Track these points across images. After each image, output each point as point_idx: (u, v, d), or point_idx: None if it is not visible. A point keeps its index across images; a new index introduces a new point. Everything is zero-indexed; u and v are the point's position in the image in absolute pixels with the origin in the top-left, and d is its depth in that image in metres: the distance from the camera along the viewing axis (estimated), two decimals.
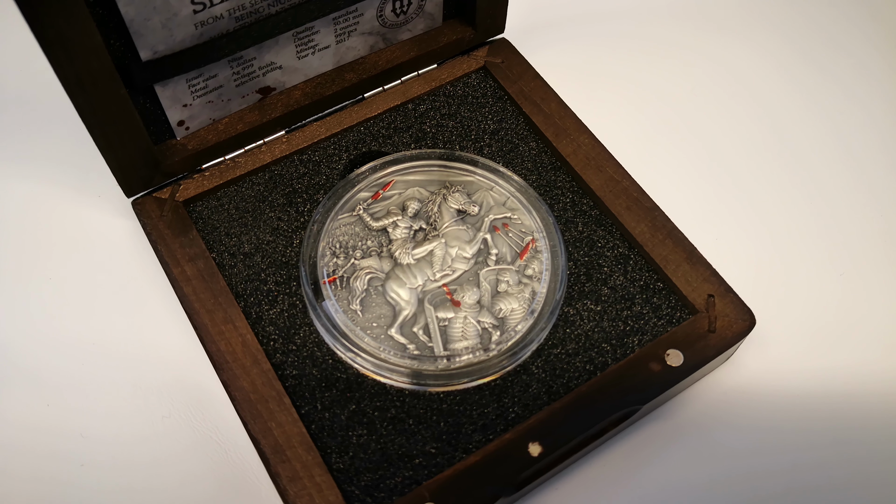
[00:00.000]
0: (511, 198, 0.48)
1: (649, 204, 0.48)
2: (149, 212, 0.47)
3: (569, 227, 0.48)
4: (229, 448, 0.42)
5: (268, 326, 0.44)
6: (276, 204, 0.48)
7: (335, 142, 0.51)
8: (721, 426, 0.44)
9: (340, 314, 0.43)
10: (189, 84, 0.45)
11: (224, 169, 0.49)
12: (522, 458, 0.39)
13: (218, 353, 0.42)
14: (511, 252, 0.46)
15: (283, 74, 0.48)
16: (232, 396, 0.41)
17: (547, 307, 0.44)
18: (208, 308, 0.43)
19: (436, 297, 0.44)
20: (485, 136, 0.52)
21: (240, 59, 0.46)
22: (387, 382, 0.42)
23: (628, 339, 0.44)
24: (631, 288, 0.46)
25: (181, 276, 0.44)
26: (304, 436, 0.40)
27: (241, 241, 0.47)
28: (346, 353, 0.42)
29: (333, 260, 0.45)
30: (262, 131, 0.49)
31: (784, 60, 0.61)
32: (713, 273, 0.46)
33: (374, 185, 0.48)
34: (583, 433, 0.40)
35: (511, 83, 0.53)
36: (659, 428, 0.44)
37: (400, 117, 0.52)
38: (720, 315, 0.44)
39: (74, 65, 0.38)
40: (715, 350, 0.43)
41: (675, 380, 0.42)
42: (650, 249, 0.46)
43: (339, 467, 0.40)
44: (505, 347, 0.42)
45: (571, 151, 0.50)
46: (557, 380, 0.43)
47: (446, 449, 0.40)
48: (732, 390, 0.46)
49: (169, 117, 0.46)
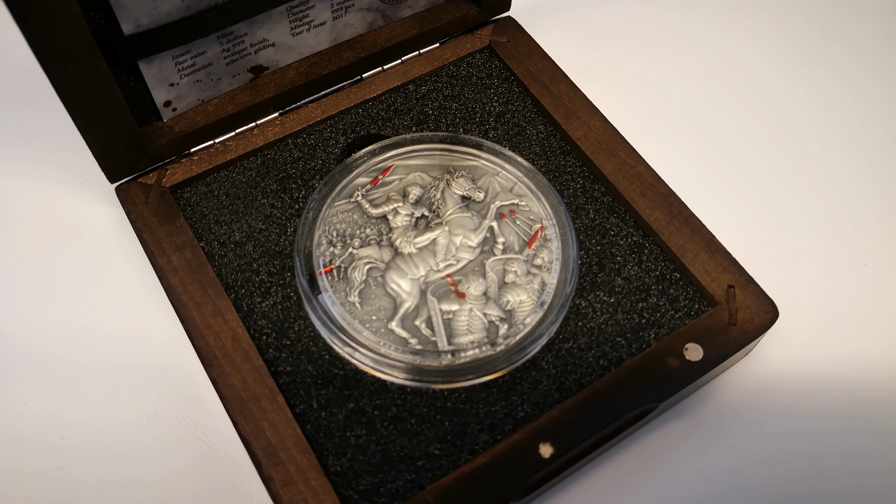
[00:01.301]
0: (518, 183, 0.47)
1: (664, 190, 0.47)
2: (133, 198, 0.46)
3: (579, 214, 0.47)
4: (218, 450, 0.42)
5: (260, 320, 0.43)
6: (268, 190, 0.47)
7: (331, 125, 0.50)
8: (742, 423, 0.43)
9: (338, 307, 0.42)
10: (176, 61, 0.44)
11: (213, 153, 0.48)
12: (533, 459, 0.38)
13: (206, 349, 0.41)
14: (519, 241, 0.45)
15: (277, 52, 0.47)
16: (221, 395, 0.40)
17: (557, 299, 0.43)
18: (196, 300, 0.42)
19: (439, 289, 0.43)
20: (490, 118, 0.50)
21: (230, 36, 0.44)
22: (387, 379, 0.41)
23: (644, 332, 0.43)
24: (646, 278, 0.45)
25: (167, 266, 0.44)
26: (298, 437, 0.39)
27: (231, 230, 0.46)
28: (344, 348, 0.41)
29: (330, 249, 0.44)
30: (253, 113, 0.48)
31: (808, 43, 0.60)
32: (733, 262, 0.45)
33: (372, 170, 0.47)
34: (597, 433, 0.39)
35: (517, 63, 0.52)
36: (676, 426, 0.43)
37: (400, 99, 0.51)
38: (741, 307, 0.43)
39: (51, 38, 0.36)
40: (736, 344, 0.42)
41: (694, 375, 0.41)
42: (666, 238, 0.45)
43: (336, 470, 0.39)
44: (513, 342, 0.41)
45: (582, 134, 0.49)
46: (569, 376, 0.42)
47: (451, 450, 0.39)
48: (753, 385, 0.45)
49: (154, 97, 0.45)
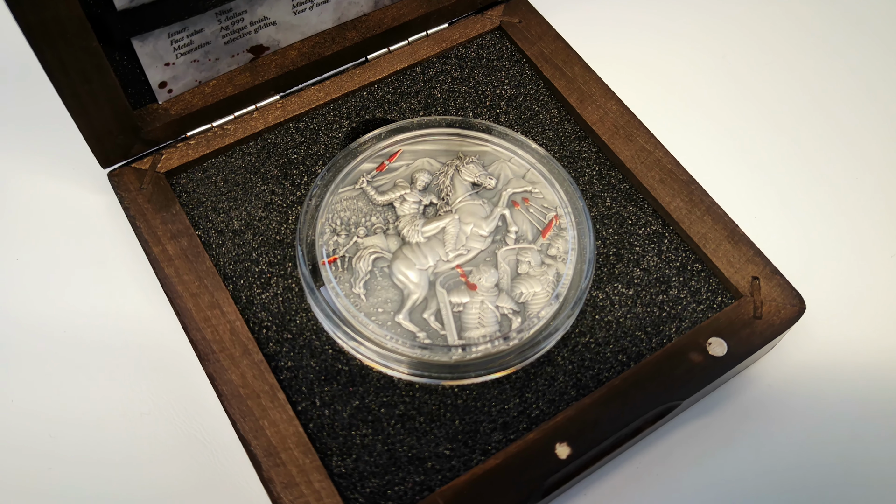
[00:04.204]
0: (531, 169, 0.45)
1: (685, 177, 0.45)
2: (126, 184, 0.44)
3: (595, 202, 0.46)
4: (216, 450, 0.41)
5: (260, 312, 0.42)
6: (269, 176, 0.46)
7: (335, 108, 0.48)
8: (768, 421, 0.42)
9: (342, 298, 0.41)
10: (171, 39, 0.42)
11: (211, 137, 0.46)
12: (549, 460, 0.37)
13: (203, 343, 0.40)
14: (532, 230, 0.43)
15: (278, 31, 0.46)
16: (219, 391, 0.39)
17: (573, 291, 0.41)
18: (192, 291, 0.41)
19: (449, 280, 0.42)
20: (501, 102, 0.48)
21: (229, 13, 0.43)
22: (394, 375, 0.40)
23: (665, 326, 0.42)
24: (666, 269, 0.43)
25: (162, 255, 0.42)
26: (300, 436, 0.38)
27: (229, 217, 0.44)
28: (349, 342, 0.40)
29: (334, 238, 0.42)
30: (253, 95, 0.47)
31: (837, 21, 0.58)
32: (757, 253, 0.43)
33: (378, 155, 0.45)
34: (617, 432, 0.38)
35: (530, 45, 0.50)
36: (699, 424, 0.42)
37: (407, 81, 0.50)
38: (766, 299, 0.42)
39: (39, 13, 0.35)
40: (762, 338, 0.41)
41: (718, 371, 0.40)
42: (687, 227, 0.44)
43: (340, 472, 0.38)
44: (527, 336, 0.40)
45: (598, 119, 0.47)
46: (586, 372, 0.40)
47: (462, 450, 0.38)
48: (779, 381, 0.44)
49: (149, 77, 0.44)
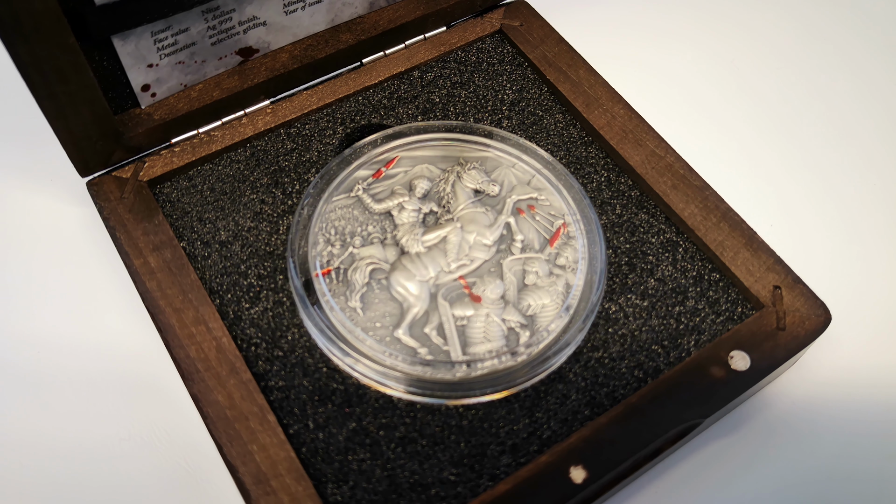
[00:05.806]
0: (537, 175, 0.43)
1: (699, 182, 0.44)
2: (106, 193, 0.43)
3: (605, 209, 0.44)
4: (201, 478, 0.39)
5: (248, 328, 0.40)
6: (258, 185, 0.45)
7: (328, 113, 0.47)
8: (793, 438, 0.41)
9: (337, 313, 0.39)
10: (155, 38, 0.41)
11: (197, 144, 0.45)
12: (563, 484, 0.35)
13: (187, 361, 0.38)
14: (539, 238, 0.42)
15: (268, 33, 0.45)
16: (204, 413, 0.37)
17: (584, 303, 0.40)
18: (176, 306, 0.40)
19: (451, 292, 0.40)
20: (503, 107, 0.47)
21: (216, 11, 0.42)
22: (394, 395, 0.39)
23: (682, 339, 0.40)
24: (682, 279, 0.42)
25: (144, 268, 0.41)
26: (293, 461, 0.36)
27: (216, 228, 0.43)
28: (344, 359, 0.39)
29: (328, 249, 0.41)
30: (242, 100, 0.46)
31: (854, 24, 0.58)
32: (777, 261, 0.42)
33: (374, 161, 0.44)
34: (635, 453, 0.36)
35: (532, 48, 0.48)
36: (721, 443, 0.40)
37: (404, 86, 0.48)
38: (789, 310, 0.40)
39: (10, 5, 0.34)
40: (786, 351, 0.39)
41: (742, 386, 0.38)
42: (703, 234, 0.42)
43: (336, 500, 0.36)
44: (536, 351, 0.39)
45: (605, 123, 0.46)
46: (601, 389, 0.39)
47: (469, 475, 0.36)
48: (804, 396, 0.42)
49: (131, 79, 0.42)
